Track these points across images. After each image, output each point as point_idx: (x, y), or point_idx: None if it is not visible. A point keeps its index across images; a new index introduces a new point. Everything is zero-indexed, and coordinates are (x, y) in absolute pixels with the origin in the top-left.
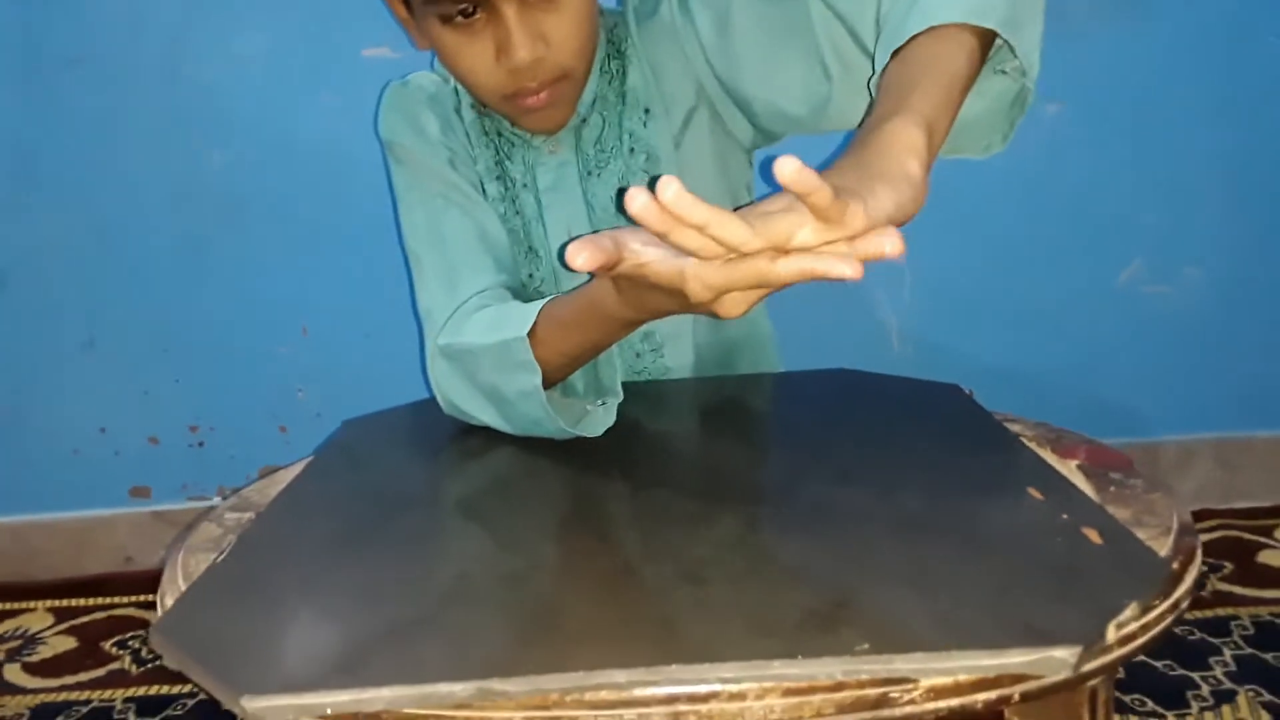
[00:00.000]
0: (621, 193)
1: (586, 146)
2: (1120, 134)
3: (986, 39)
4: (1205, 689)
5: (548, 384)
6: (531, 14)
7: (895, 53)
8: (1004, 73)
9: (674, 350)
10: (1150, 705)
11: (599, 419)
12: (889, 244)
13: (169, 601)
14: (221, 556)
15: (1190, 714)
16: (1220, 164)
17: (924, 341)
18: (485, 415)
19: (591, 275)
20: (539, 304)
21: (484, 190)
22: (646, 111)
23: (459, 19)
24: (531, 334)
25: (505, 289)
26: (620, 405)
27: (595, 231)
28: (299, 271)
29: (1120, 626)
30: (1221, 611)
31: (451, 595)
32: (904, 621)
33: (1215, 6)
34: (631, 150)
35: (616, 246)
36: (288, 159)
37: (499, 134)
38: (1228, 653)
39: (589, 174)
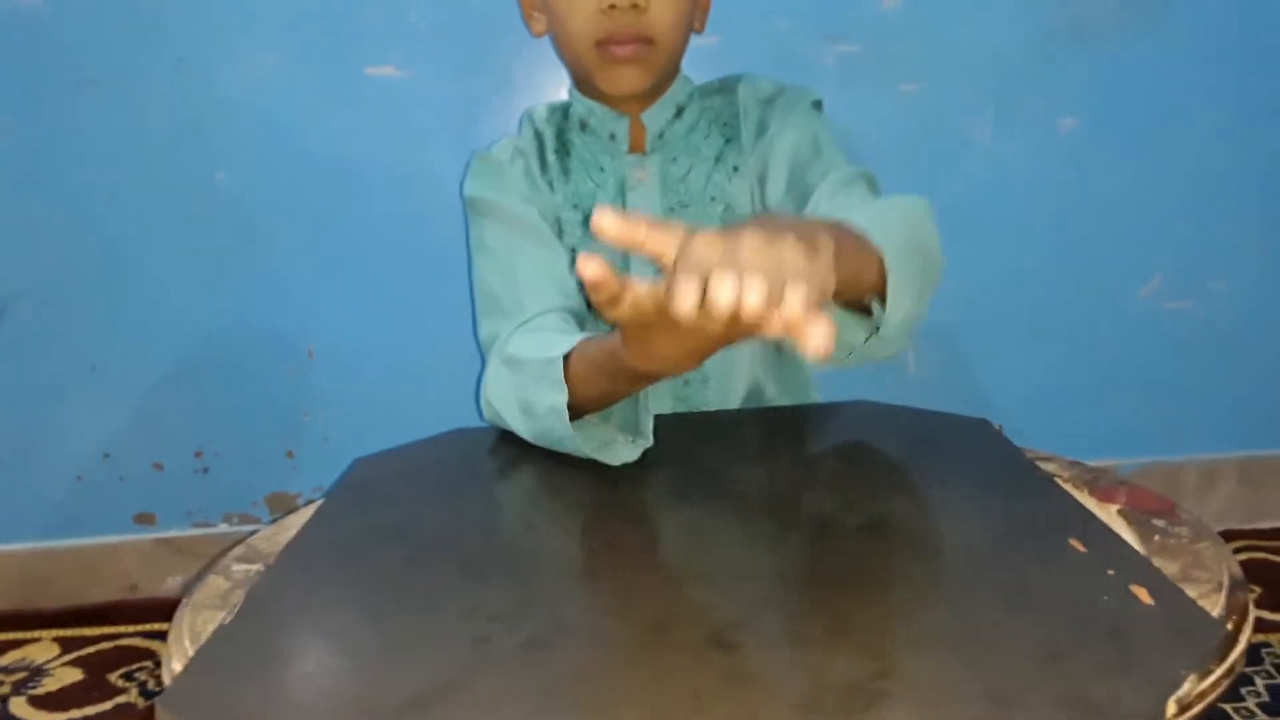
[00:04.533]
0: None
1: (672, 182)
2: (1140, 147)
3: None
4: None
5: (581, 412)
6: None
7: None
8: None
9: (720, 386)
10: None
11: (621, 452)
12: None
13: (176, 665)
14: (229, 617)
15: None
16: (1243, 177)
17: (941, 361)
18: (517, 425)
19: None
20: (579, 336)
21: (560, 221)
22: (735, 169)
23: None
24: (567, 360)
25: (568, 312)
26: (642, 428)
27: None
28: (305, 293)
29: (1179, 700)
30: (1252, 638)
31: (473, 661)
32: (951, 695)
33: (1235, 17)
34: (712, 198)
35: (619, 279)
36: (294, 178)
37: (587, 165)
38: (1260, 682)
39: (670, 210)
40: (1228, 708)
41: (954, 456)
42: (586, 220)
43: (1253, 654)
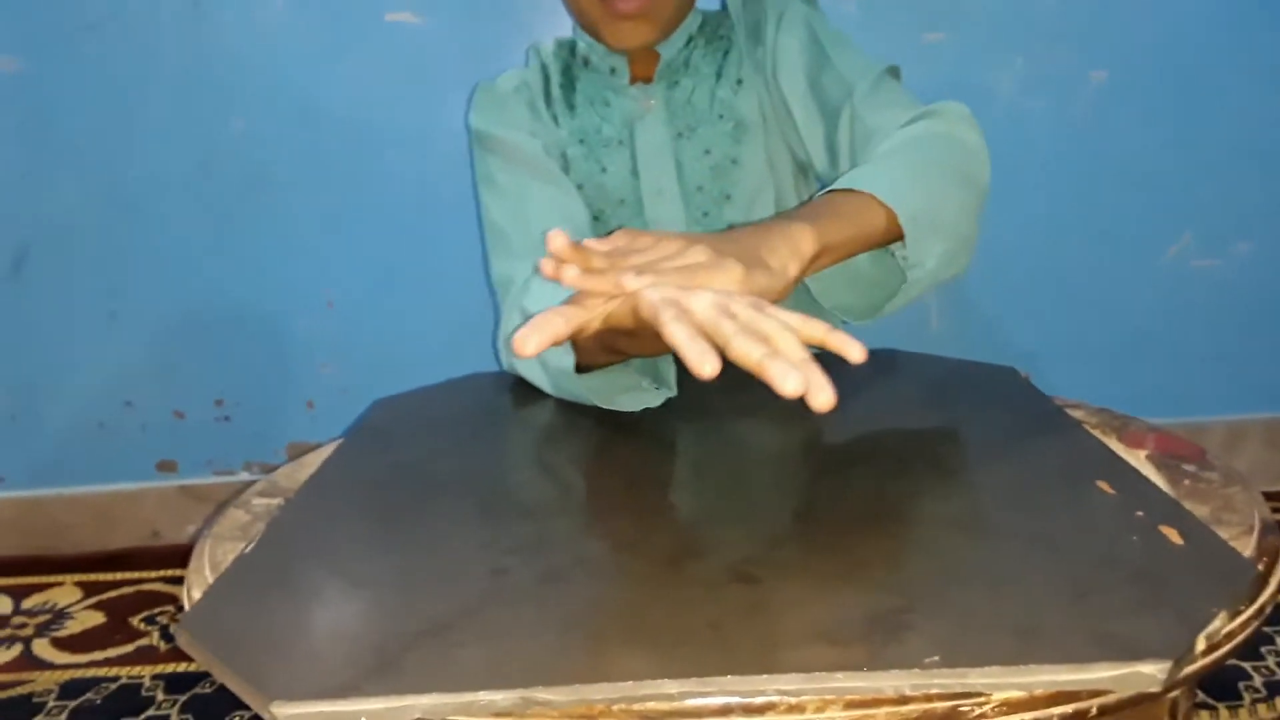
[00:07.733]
0: (708, 154)
1: (678, 107)
2: (1170, 104)
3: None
4: (1258, 679)
5: (592, 369)
6: None
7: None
8: (904, 258)
9: None
10: (1201, 696)
11: (641, 399)
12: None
13: (195, 594)
14: (250, 547)
15: (1242, 705)
16: (1274, 135)
17: (963, 317)
18: (535, 377)
19: None
20: None
21: (566, 156)
22: (739, 82)
23: None
24: None
25: None
26: (664, 377)
27: (684, 189)
28: (324, 243)
29: (1209, 637)
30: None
31: (489, 592)
32: (975, 629)
33: None
34: (721, 116)
35: (566, 321)
36: (311, 127)
37: (592, 101)
38: None
39: (679, 135)
40: (1247, 666)
41: (981, 401)
42: (593, 155)
43: (1273, 614)
